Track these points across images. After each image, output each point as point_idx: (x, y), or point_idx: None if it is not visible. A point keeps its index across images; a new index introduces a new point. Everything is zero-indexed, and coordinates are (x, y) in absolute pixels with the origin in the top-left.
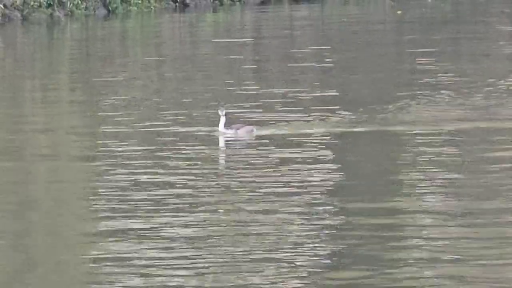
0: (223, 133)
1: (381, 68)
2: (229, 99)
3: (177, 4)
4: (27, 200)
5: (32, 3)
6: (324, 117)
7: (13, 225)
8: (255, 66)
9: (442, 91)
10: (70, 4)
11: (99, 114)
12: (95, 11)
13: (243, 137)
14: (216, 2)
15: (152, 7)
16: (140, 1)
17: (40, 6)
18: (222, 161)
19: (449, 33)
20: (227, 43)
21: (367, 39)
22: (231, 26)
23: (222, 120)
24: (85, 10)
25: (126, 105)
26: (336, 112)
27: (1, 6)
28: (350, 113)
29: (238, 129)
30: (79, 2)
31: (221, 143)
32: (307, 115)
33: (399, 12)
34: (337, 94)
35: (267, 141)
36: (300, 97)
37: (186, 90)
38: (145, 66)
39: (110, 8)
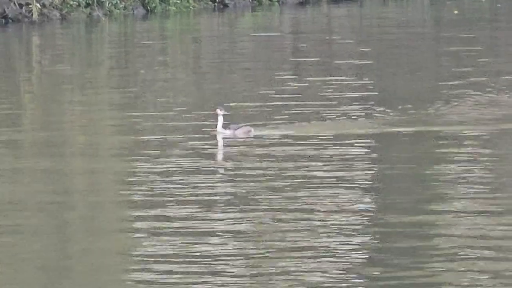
0: (221, 133)
1: (422, 67)
2: (267, 95)
3: (216, 4)
4: (65, 194)
5: (71, 2)
6: (363, 116)
7: (51, 220)
8: (292, 64)
9: (486, 89)
10: (108, 3)
11: (138, 110)
12: (133, 11)
13: (241, 137)
14: (255, 2)
15: (191, 7)
16: (178, 1)
17: (79, 5)
18: (261, 157)
19: (495, 31)
20: (265, 41)
21: (407, 37)
22: (270, 24)
23: (220, 120)
24: (123, 9)
25: (165, 102)
26: (376, 111)
27: (38, 5)
28: (389, 112)
29: (236, 129)
30: (118, 1)
31: (219, 143)
32: (347, 113)
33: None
34: (377, 93)
35: (309, 138)
36: (338, 96)
37: (225, 87)
38: (184, 64)
39: (148, 7)
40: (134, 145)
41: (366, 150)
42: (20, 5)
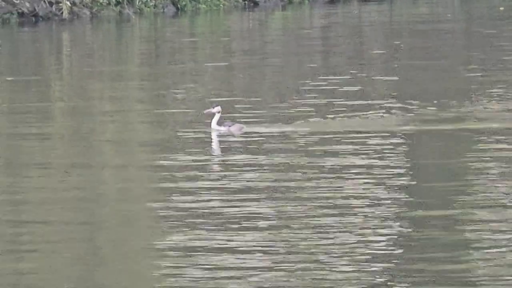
0: (216, 130)
1: (453, 64)
2: (299, 92)
3: (246, 2)
4: (97, 187)
5: (101, 0)
6: (394, 113)
7: (83, 213)
8: (322, 61)
9: None
10: (139, 2)
11: (168, 108)
12: (164, 9)
13: (234, 134)
14: (285, 0)
15: (221, 5)
16: None
17: (109, 3)
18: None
19: None
20: (295, 38)
21: (437, 36)
22: (300, 22)
23: (216, 117)
24: (154, 8)
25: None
26: (408, 108)
27: (68, 3)
28: (421, 109)
29: (230, 126)
30: (148, 0)
31: (214, 140)
32: (378, 110)
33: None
34: (407, 90)
35: (342, 133)
36: (368, 92)
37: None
38: (214, 61)
39: (179, 6)
40: (165, 138)
41: (399, 145)
42: (50, 3)
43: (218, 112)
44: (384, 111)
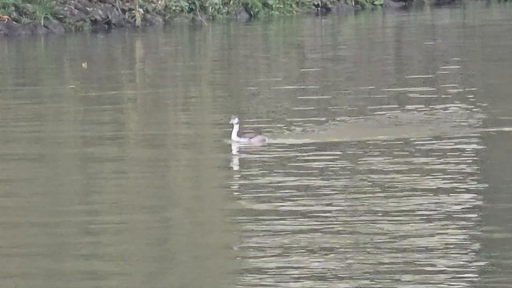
0: (236, 141)
1: None
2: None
3: (319, 8)
4: (168, 187)
5: (174, 8)
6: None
7: (155, 215)
8: (395, 67)
9: None
10: (212, 8)
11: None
12: (236, 16)
13: (256, 145)
14: (358, 6)
15: (294, 11)
16: (281, 6)
17: (182, 11)
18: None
19: None
20: (367, 44)
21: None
22: (373, 28)
23: (235, 128)
24: (226, 14)
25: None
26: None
27: (141, 10)
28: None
29: (251, 138)
30: (221, 6)
31: (234, 151)
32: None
33: None
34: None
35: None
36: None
37: (339, 93)
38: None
39: (251, 12)
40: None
41: (474, 146)
42: (123, 11)
43: (237, 123)
44: (461, 112)
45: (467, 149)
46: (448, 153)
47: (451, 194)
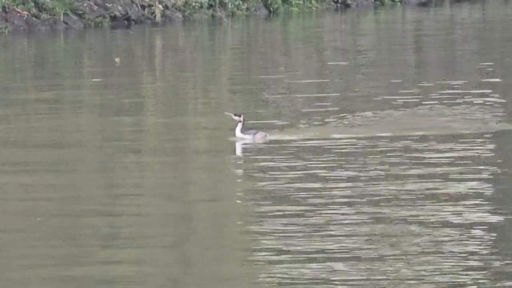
0: (241, 138)
1: None
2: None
3: (338, 4)
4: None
5: (193, 4)
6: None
7: (171, 226)
8: (416, 64)
9: None
10: (231, 5)
11: (259, 109)
12: (256, 12)
13: (259, 142)
14: (377, 2)
15: (313, 7)
16: (301, 2)
17: (201, 7)
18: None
19: None
20: (389, 39)
21: None
22: (393, 24)
23: (239, 125)
24: (246, 10)
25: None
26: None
27: (161, 6)
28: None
29: (254, 134)
30: (240, 2)
31: (238, 149)
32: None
33: None
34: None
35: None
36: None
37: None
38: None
39: (271, 8)
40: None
41: (493, 147)
42: (143, 7)
43: (240, 121)
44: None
45: (487, 145)
46: (467, 154)
47: (470, 200)
